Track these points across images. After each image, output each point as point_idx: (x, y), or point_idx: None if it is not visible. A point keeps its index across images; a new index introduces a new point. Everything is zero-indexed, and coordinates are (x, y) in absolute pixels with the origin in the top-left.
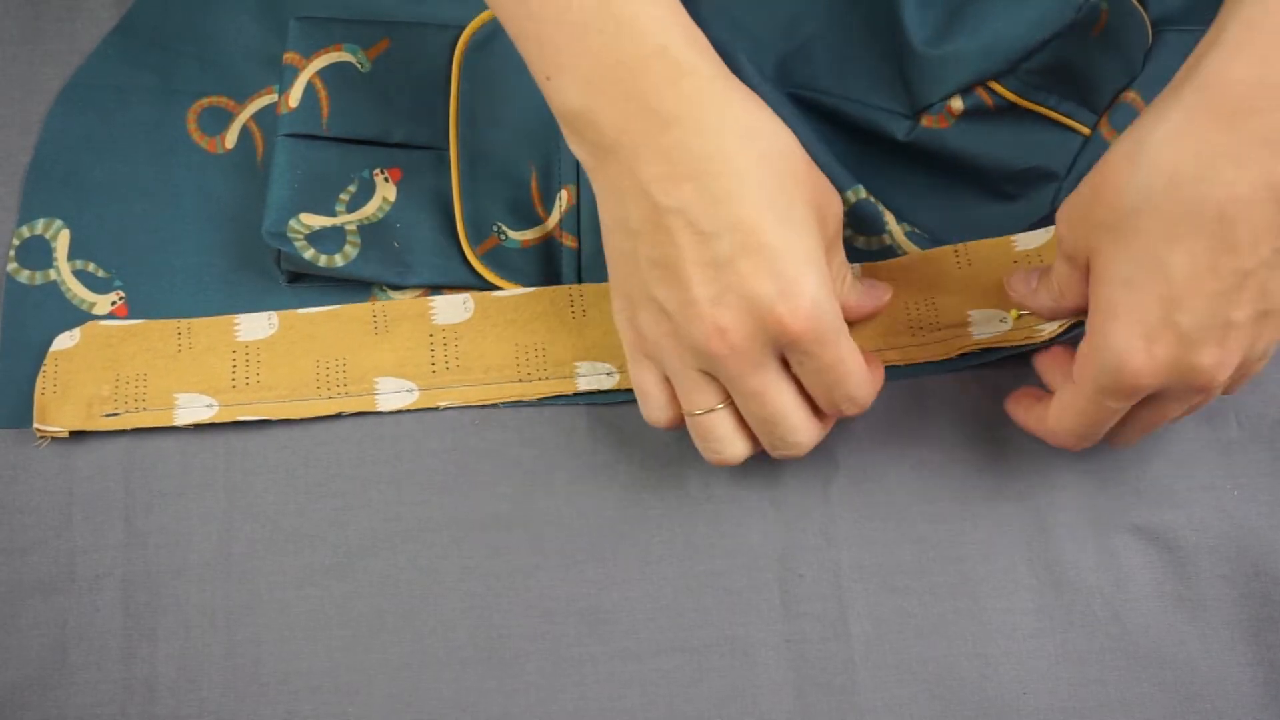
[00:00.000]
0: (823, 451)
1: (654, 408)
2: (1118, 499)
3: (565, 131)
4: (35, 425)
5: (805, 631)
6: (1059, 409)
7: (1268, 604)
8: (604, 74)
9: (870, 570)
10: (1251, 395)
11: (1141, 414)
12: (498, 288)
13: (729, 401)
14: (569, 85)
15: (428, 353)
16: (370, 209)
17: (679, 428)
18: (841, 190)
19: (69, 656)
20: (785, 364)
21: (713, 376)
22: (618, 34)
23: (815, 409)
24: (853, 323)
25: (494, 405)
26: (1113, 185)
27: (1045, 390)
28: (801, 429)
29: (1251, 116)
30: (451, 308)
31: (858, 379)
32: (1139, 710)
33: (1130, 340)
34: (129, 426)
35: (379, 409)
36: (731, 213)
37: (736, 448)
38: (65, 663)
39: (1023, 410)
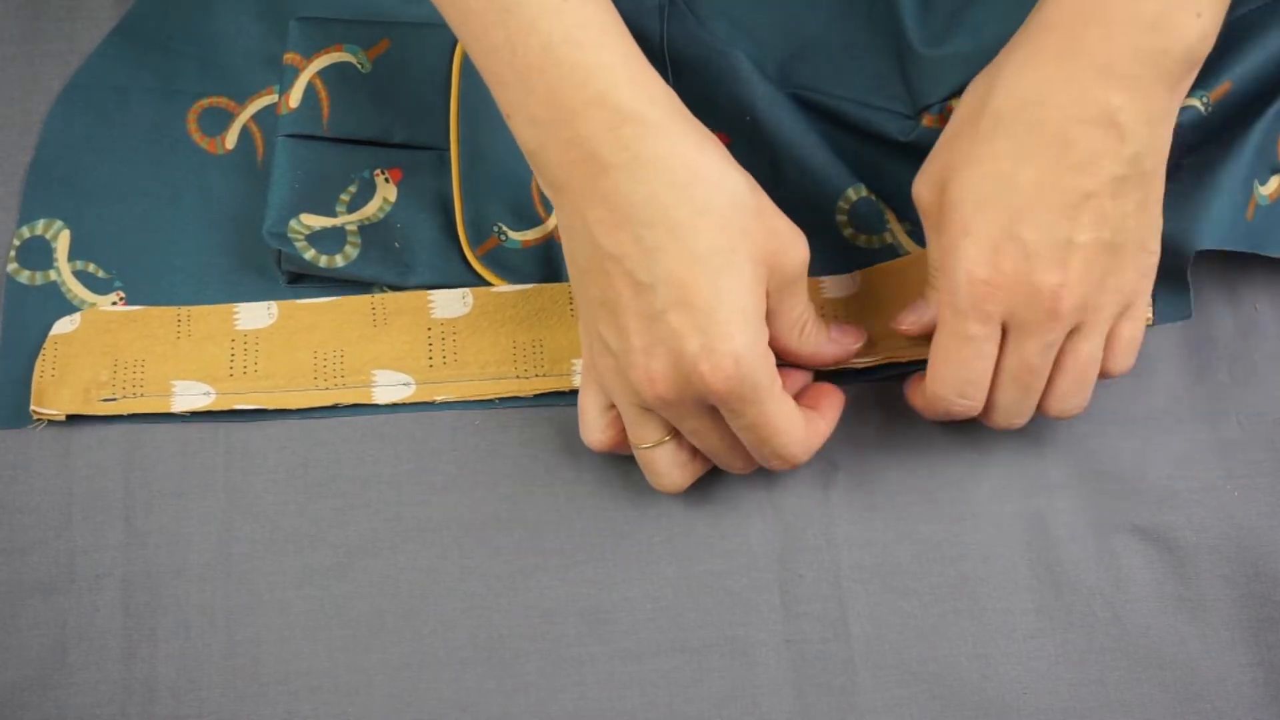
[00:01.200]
0: (823, 452)
1: (590, 430)
2: (1118, 499)
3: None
4: (32, 408)
5: (805, 632)
6: (933, 361)
7: (1268, 604)
8: (548, 117)
9: (870, 571)
10: (1251, 395)
11: (1006, 362)
12: None
13: (674, 434)
14: (522, 125)
15: (425, 347)
16: (371, 209)
17: (613, 452)
18: (841, 189)
19: (69, 656)
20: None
21: (658, 414)
22: (559, 78)
23: None
24: (815, 367)
25: (493, 405)
26: (967, 119)
27: None
28: (740, 463)
29: (1085, 48)
30: (451, 302)
31: (785, 438)
32: (1139, 710)
33: (978, 253)
34: (126, 412)
35: (375, 401)
36: (664, 266)
37: (676, 479)
38: (65, 663)
39: (914, 391)
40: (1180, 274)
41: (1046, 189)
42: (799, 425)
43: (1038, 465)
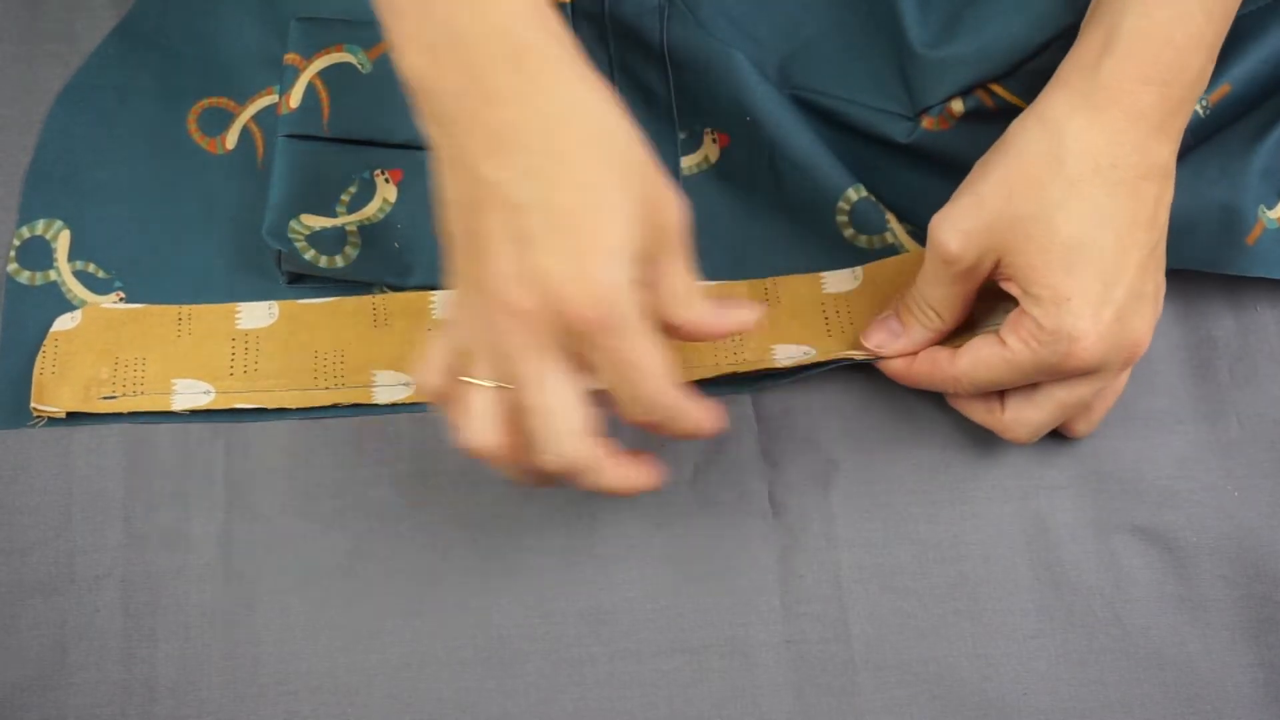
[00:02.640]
0: (823, 452)
1: (429, 372)
2: (1118, 499)
3: (412, 103)
4: (33, 404)
5: (805, 632)
6: (976, 364)
7: (1268, 605)
8: (445, 45)
9: (870, 571)
10: (1251, 395)
11: (1057, 391)
12: None
13: (501, 389)
14: (414, 54)
15: None
16: (371, 210)
17: (443, 403)
18: (842, 189)
19: (69, 657)
20: (579, 369)
21: (496, 354)
22: (460, 6)
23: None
24: (691, 340)
25: None
26: (1033, 181)
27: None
28: (565, 435)
29: (1146, 110)
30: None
31: (656, 384)
32: (1139, 711)
33: (1081, 321)
34: (126, 410)
35: (375, 401)
36: (545, 190)
37: (483, 433)
38: (65, 663)
39: (896, 365)
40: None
41: (1127, 247)
42: (662, 366)
43: (1038, 465)
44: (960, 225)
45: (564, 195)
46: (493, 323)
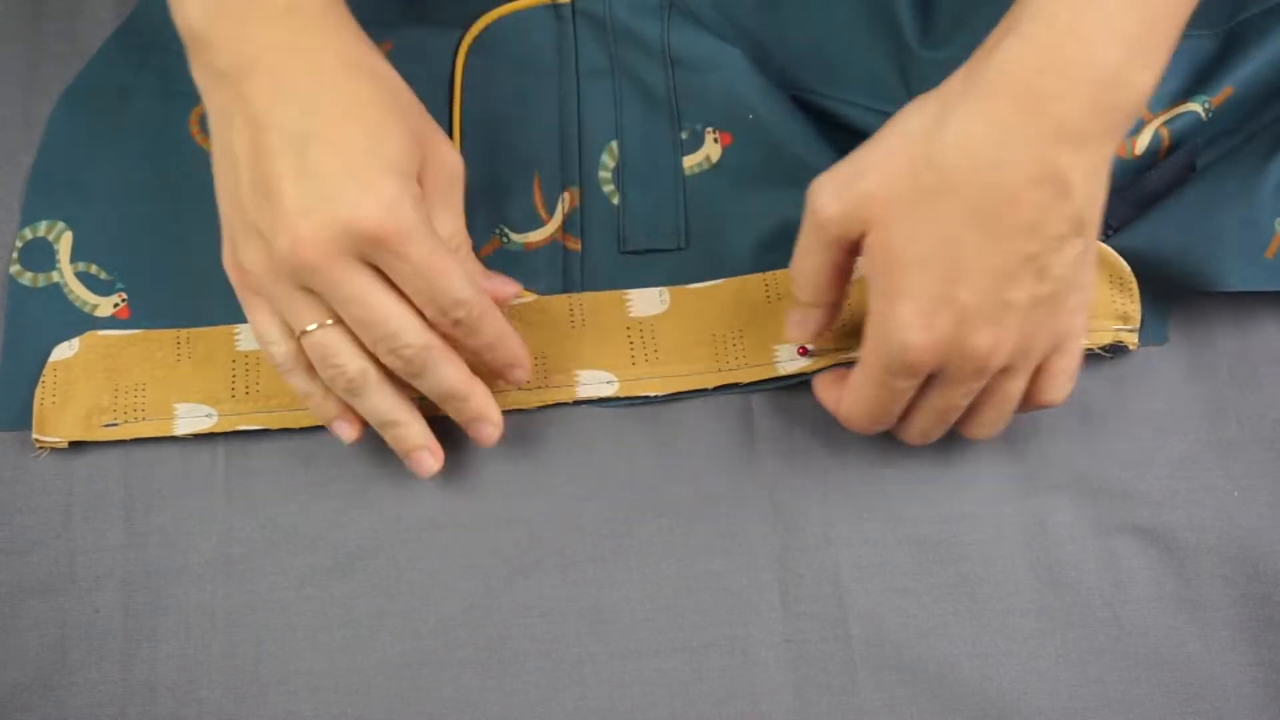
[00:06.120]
0: (823, 452)
1: (271, 342)
2: (1118, 499)
3: (189, 56)
4: (34, 436)
5: (805, 631)
6: (851, 392)
7: (1268, 605)
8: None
9: (870, 570)
10: (1251, 395)
11: (930, 399)
12: None
13: (337, 320)
14: (193, 6)
15: None
16: None
17: (303, 368)
18: None
19: (69, 657)
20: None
21: (317, 294)
22: None
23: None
24: None
25: None
26: (908, 163)
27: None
28: (409, 329)
29: (1044, 104)
30: None
31: (458, 280)
32: (1139, 711)
33: (914, 318)
34: (128, 437)
35: None
36: (322, 123)
37: (355, 362)
38: (65, 663)
39: (824, 389)
40: (1169, 303)
41: (989, 253)
42: (458, 267)
43: (1038, 465)
44: (842, 194)
45: (341, 126)
46: (289, 258)
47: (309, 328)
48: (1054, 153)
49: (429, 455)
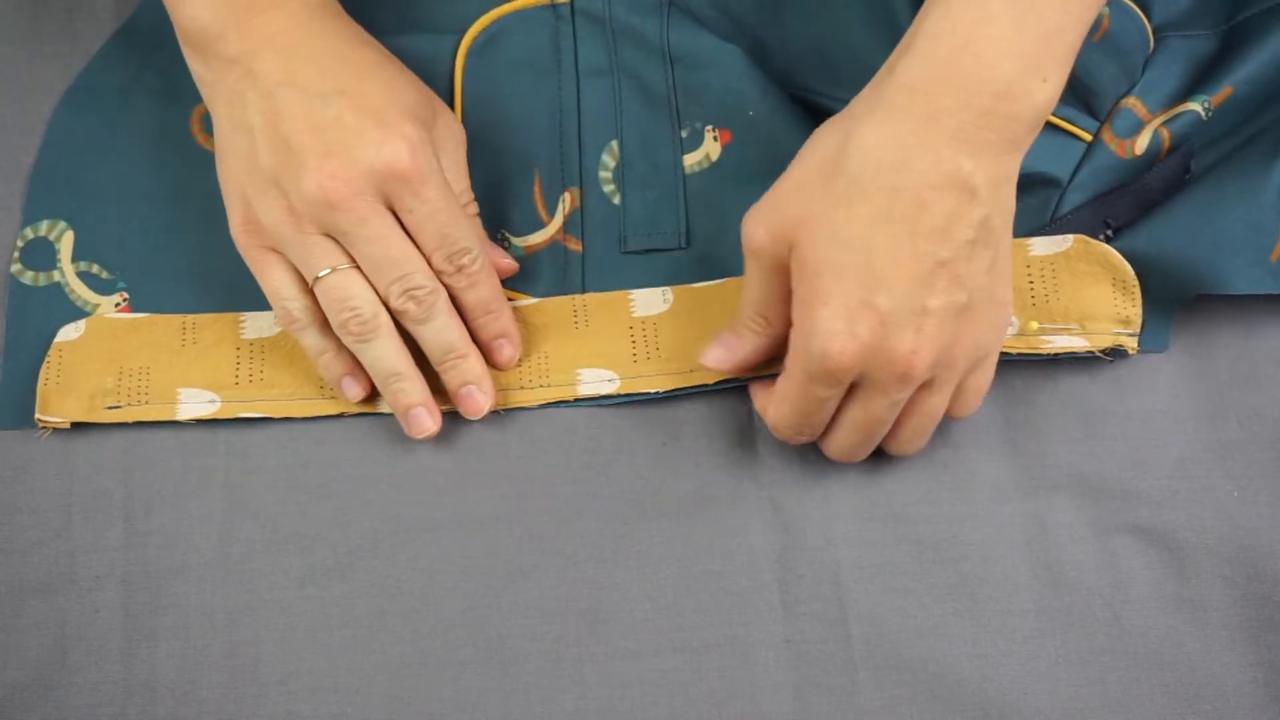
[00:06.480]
0: (822, 452)
1: (286, 298)
2: (1118, 499)
3: (188, 50)
4: (37, 415)
5: (805, 632)
6: (777, 402)
7: (1268, 605)
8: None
9: (870, 570)
10: (1251, 395)
11: (852, 411)
12: None
13: (353, 264)
14: (195, 4)
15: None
16: None
17: (317, 324)
18: None
19: (69, 657)
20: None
21: (334, 240)
22: None
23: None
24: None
25: (497, 414)
26: (820, 177)
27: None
28: (423, 271)
29: (941, 116)
30: None
31: (469, 228)
32: (1139, 711)
33: (834, 323)
34: (131, 420)
35: (378, 410)
36: (339, 81)
37: (370, 306)
38: (65, 663)
39: (758, 395)
40: (1170, 309)
41: (902, 256)
42: (464, 212)
43: (1038, 465)
44: (765, 220)
45: (355, 81)
46: (313, 199)
47: (323, 273)
48: (953, 157)
49: (426, 414)
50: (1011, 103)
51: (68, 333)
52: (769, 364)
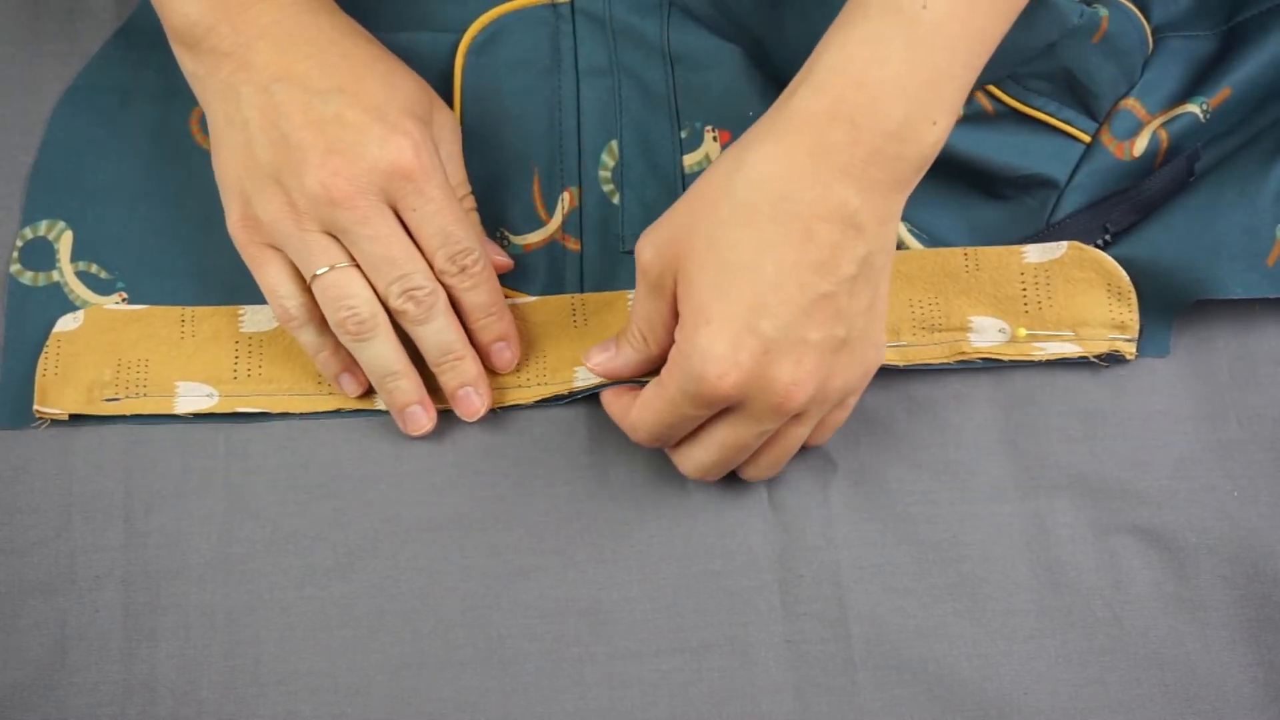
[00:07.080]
0: (822, 452)
1: (284, 296)
2: (1118, 500)
3: (179, 47)
4: (36, 407)
5: (805, 632)
6: (641, 406)
7: (1267, 605)
8: None
9: (870, 570)
10: (1251, 395)
11: (718, 432)
12: None
13: (352, 263)
14: (188, 5)
15: None
16: None
17: (315, 321)
18: None
19: (69, 657)
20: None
21: (334, 238)
22: None
23: None
24: None
25: (494, 412)
26: (710, 200)
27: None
28: (423, 272)
29: (832, 150)
30: None
31: (470, 229)
32: (1139, 711)
33: (716, 345)
34: (129, 412)
35: (377, 407)
36: (337, 77)
37: (368, 304)
38: (65, 663)
39: (612, 398)
40: (1170, 314)
41: (788, 284)
42: (463, 211)
43: (1038, 465)
44: (653, 238)
45: (355, 79)
46: (315, 196)
47: (321, 270)
48: (841, 191)
49: (422, 412)
50: (901, 144)
51: (66, 323)
52: (645, 376)
